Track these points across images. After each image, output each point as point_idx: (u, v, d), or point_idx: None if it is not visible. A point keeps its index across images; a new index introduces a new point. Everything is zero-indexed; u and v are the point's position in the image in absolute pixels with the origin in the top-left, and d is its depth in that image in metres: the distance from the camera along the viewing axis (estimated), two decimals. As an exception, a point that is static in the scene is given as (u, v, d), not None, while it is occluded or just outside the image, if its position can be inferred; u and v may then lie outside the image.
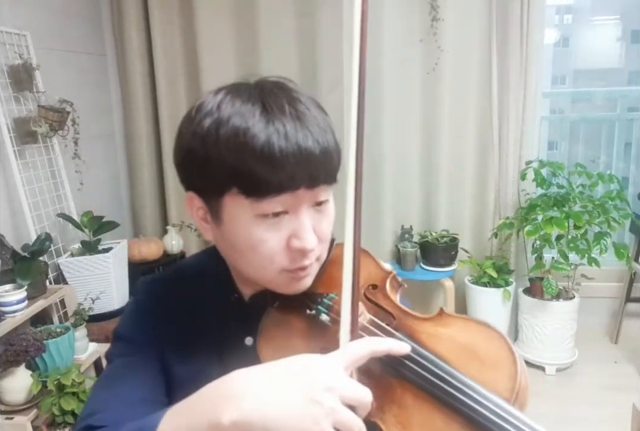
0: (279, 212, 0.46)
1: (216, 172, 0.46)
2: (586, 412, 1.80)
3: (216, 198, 0.47)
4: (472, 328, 0.43)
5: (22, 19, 1.76)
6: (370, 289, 0.50)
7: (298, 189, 0.45)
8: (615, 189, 2.00)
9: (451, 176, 2.21)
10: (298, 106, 0.46)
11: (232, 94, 0.47)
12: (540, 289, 2.01)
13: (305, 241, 0.46)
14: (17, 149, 1.65)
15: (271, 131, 0.44)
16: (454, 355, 0.42)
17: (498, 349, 0.41)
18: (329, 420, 0.37)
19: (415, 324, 0.45)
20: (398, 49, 2.12)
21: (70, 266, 1.75)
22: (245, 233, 0.47)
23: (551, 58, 2.84)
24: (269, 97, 0.46)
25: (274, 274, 0.49)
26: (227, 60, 2.20)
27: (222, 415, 0.38)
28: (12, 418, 1.36)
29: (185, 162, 0.49)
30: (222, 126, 0.45)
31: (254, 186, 0.45)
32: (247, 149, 0.44)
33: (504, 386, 0.39)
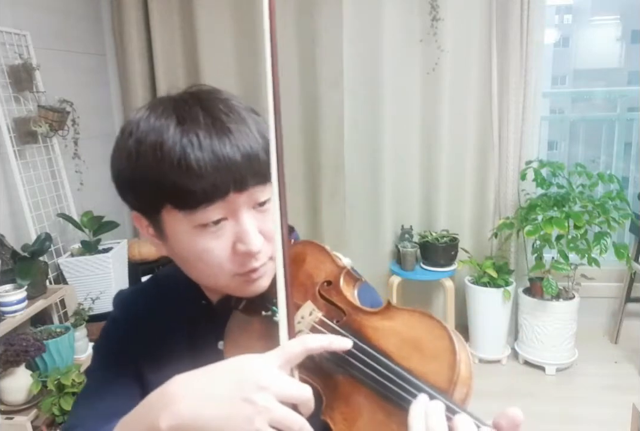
0: (219, 220, 0.46)
1: (145, 190, 0.46)
2: (586, 412, 1.80)
3: (155, 215, 0.48)
4: (416, 319, 0.44)
5: (22, 19, 1.76)
6: (325, 286, 0.50)
7: (227, 195, 0.45)
8: (615, 189, 2.00)
9: (451, 176, 2.21)
10: (215, 113, 0.46)
11: (150, 111, 0.48)
12: (540, 289, 2.01)
13: (249, 244, 0.46)
14: (17, 149, 1.65)
15: (185, 143, 0.44)
16: (397, 348, 0.42)
17: (438, 339, 0.41)
18: (263, 419, 0.37)
19: (364, 319, 0.46)
20: (398, 49, 2.12)
21: (70, 266, 1.75)
22: (189, 245, 0.47)
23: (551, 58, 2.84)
24: (182, 109, 0.46)
25: (227, 280, 0.49)
26: (227, 60, 2.20)
27: (160, 420, 0.39)
28: (12, 418, 1.36)
29: (119, 184, 0.50)
30: (141, 144, 0.46)
31: (182, 200, 0.45)
32: (165, 164, 0.44)
33: (443, 376, 0.40)
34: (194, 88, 0.50)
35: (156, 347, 0.56)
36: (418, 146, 2.22)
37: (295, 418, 0.38)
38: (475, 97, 2.14)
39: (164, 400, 0.40)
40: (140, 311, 0.59)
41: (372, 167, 2.22)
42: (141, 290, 0.63)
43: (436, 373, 0.40)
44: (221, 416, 0.38)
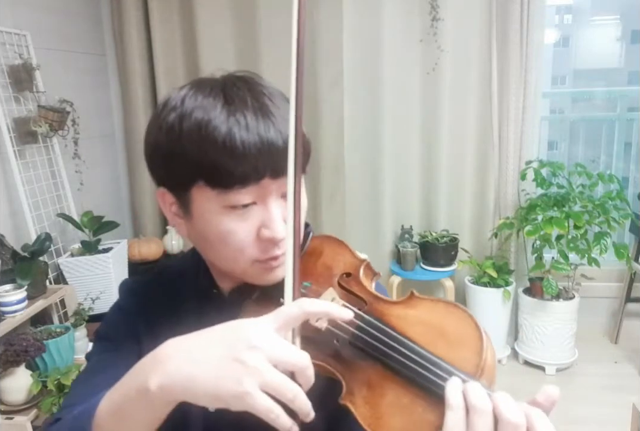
0: (248, 204, 0.47)
1: (181, 165, 0.46)
2: (586, 412, 1.80)
3: (184, 192, 0.48)
4: (440, 308, 0.44)
5: (22, 19, 1.76)
6: (344, 277, 0.50)
7: (262, 179, 0.46)
8: (615, 189, 2.00)
9: (451, 176, 2.21)
10: (261, 98, 0.47)
11: (196, 89, 0.48)
12: (540, 289, 2.01)
13: (274, 230, 0.47)
14: (17, 149, 1.65)
15: (232, 122, 0.44)
16: (421, 335, 0.42)
17: (465, 326, 0.41)
18: (252, 381, 0.35)
19: (386, 308, 0.46)
20: (398, 49, 2.12)
21: (70, 266, 1.75)
22: (215, 225, 0.47)
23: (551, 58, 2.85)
24: (230, 90, 0.47)
25: (246, 266, 0.49)
26: (227, 60, 2.20)
27: (148, 381, 0.38)
28: (12, 418, 1.36)
29: (153, 158, 0.50)
30: (185, 119, 0.46)
31: (218, 178, 0.45)
32: (209, 142, 0.44)
33: (470, 362, 0.39)
34: (241, 73, 0.50)
35: (162, 335, 0.54)
36: (418, 146, 2.22)
37: (288, 385, 0.36)
38: (475, 97, 2.14)
39: (154, 362, 0.39)
40: (148, 300, 0.58)
41: (372, 167, 2.22)
42: (149, 280, 0.62)
43: (463, 358, 0.40)
44: (210, 375, 0.36)
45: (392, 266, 2.24)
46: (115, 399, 0.41)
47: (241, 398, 0.35)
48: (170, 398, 0.38)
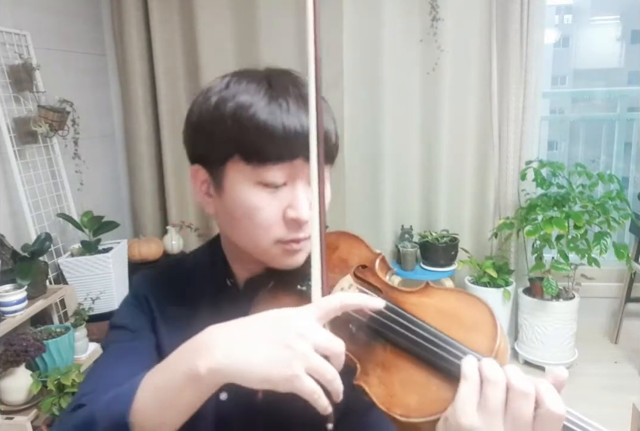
0: (278, 182, 0.49)
1: (221, 141, 0.49)
2: (586, 412, 1.78)
3: (219, 166, 0.50)
4: (455, 295, 0.45)
5: (22, 19, 1.76)
6: (360, 268, 0.52)
7: (296, 159, 0.48)
8: (615, 189, 2.00)
9: (451, 176, 2.21)
10: (302, 89, 0.50)
11: (240, 76, 0.51)
12: (540, 289, 2.01)
13: (300, 211, 0.49)
14: (17, 149, 1.65)
15: (275, 106, 0.48)
16: (436, 319, 0.44)
17: (479, 313, 0.43)
18: (301, 364, 0.38)
19: (401, 296, 0.47)
20: (398, 49, 2.12)
21: (70, 266, 1.75)
22: (244, 199, 0.50)
23: (551, 58, 2.85)
24: (274, 78, 0.51)
25: (269, 245, 0.51)
26: (227, 60, 2.20)
27: (198, 364, 0.39)
28: (12, 418, 1.36)
29: (193, 136, 0.53)
30: (229, 101, 0.49)
31: (254, 153, 0.48)
32: (250, 121, 0.47)
33: (485, 346, 0.41)
34: (274, 66, 0.54)
35: (177, 326, 0.55)
36: (418, 145, 2.22)
37: (329, 368, 0.39)
38: (475, 97, 2.14)
39: (201, 346, 0.41)
40: (162, 290, 0.59)
41: (372, 167, 2.22)
42: (164, 272, 0.63)
43: (477, 341, 0.41)
44: (263, 358, 0.39)
45: (392, 266, 2.22)
46: (158, 383, 0.42)
47: (291, 380, 0.38)
48: (219, 381, 0.40)
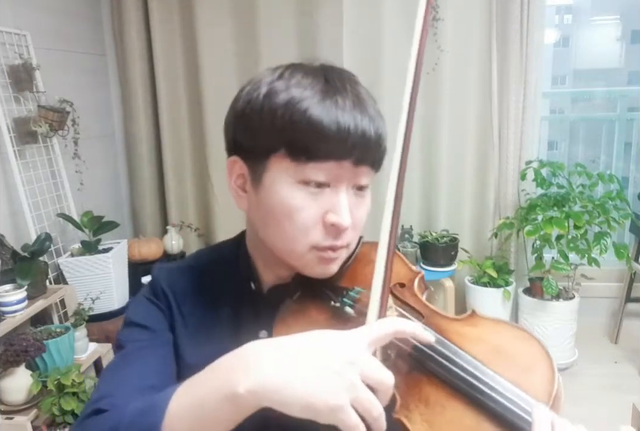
0: (321, 183, 0.46)
1: (267, 133, 0.46)
2: (586, 412, 1.79)
3: (261, 160, 0.47)
4: (505, 329, 0.42)
5: (22, 19, 1.76)
6: (398, 287, 0.49)
7: (344, 160, 0.46)
8: (615, 189, 2.00)
9: (451, 176, 2.21)
10: (358, 89, 0.48)
11: (293, 69, 0.48)
12: (540, 289, 2.01)
13: (341, 217, 0.46)
14: (17, 149, 1.65)
15: (330, 103, 0.45)
16: (484, 355, 0.40)
17: (534, 352, 0.40)
18: (348, 396, 0.35)
19: (445, 324, 0.44)
20: (398, 49, 2.12)
21: (70, 266, 1.75)
22: (285, 197, 0.47)
23: (551, 58, 2.84)
24: (331, 74, 0.48)
25: (304, 250, 0.48)
26: (227, 60, 2.20)
27: (238, 384, 0.37)
28: (12, 418, 1.36)
29: (237, 124, 0.49)
30: (281, 92, 0.46)
31: (301, 148, 0.45)
32: (302, 115, 0.44)
33: (543, 390, 0.37)
34: (330, 63, 0.51)
35: (196, 327, 0.54)
36: (418, 145, 2.22)
37: (376, 404, 0.36)
38: (475, 97, 2.14)
39: (242, 364, 0.38)
40: (182, 287, 0.56)
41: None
42: (185, 267, 0.59)
43: (533, 385, 0.38)
44: (309, 385, 0.35)
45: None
46: (194, 399, 0.40)
47: (335, 410, 0.35)
48: (259, 402, 0.37)
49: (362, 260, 0.50)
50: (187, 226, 2.27)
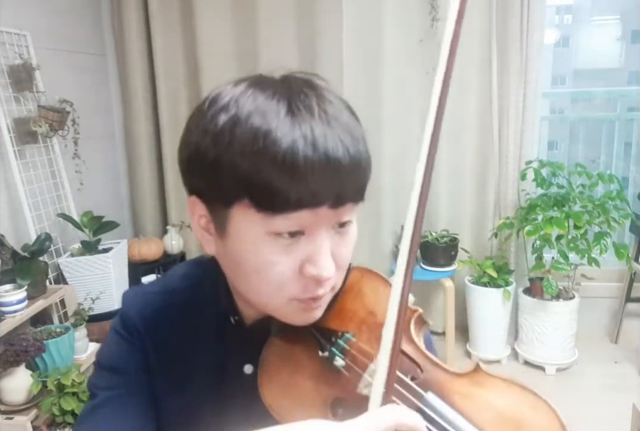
0: (295, 232, 0.39)
1: (226, 178, 0.38)
2: (586, 412, 1.80)
3: (223, 208, 0.40)
4: (516, 394, 0.36)
5: (22, 19, 1.76)
6: None
7: (320, 207, 0.38)
8: (615, 189, 2.00)
9: (451, 176, 2.20)
10: (329, 108, 0.39)
11: (254, 88, 0.40)
12: (540, 289, 2.00)
13: (321, 268, 0.39)
14: (17, 149, 1.65)
15: (297, 135, 0.37)
16: (493, 426, 0.36)
17: (547, 423, 0.35)
18: None
19: (447, 381, 0.39)
20: (398, 49, 2.12)
21: (70, 266, 1.75)
22: (253, 252, 0.40)
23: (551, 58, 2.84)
24: (296, 95, 0.39)
25: (282, 304, 0.42)
26: (227, 60, 2.20)
27: None
28: (12, 418, 1.36)
29: (191, 163, 0.41)
30: (239, 124, 0.38)
31: (269, 199, 0.37)
32: (266, 155, 0.37)
33: None
34: (303, 75, 0.42)
35: (174, 366, 0.49)
36: (418, 145, 2.21)
37: None
38: (475, 97, 2.14)
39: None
40: (160, 319, 0.50)
41: (372, 167, 2.21)
42: (160, 294, 0.52)
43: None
44: None
45: (392, 267, 2.23)
46: None
47: None
48: None
49: (351, 292, 0.44)
50: (187, 226, 2.27)
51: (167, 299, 0.52)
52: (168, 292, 0.53)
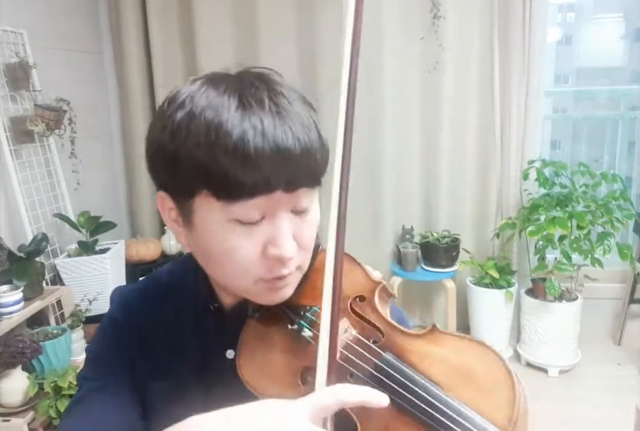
0: (255, 218, 0.43)
1: (185, 171, 0.42)
2: (589, 414, 1.78)
3: (187, 200, 0.44)
4: (467, 347, 0.40)
5: (18, 17, 1.74)
6: (357, 301, 0.46)
7: (274, 192, 0.41)
8: (619, 188, 1.98)
9: (452, 176, 2.19)
10: (280, 100, 0.42)
11: (208, 85, 0.43)
12: (542, 290, 1.99)
13: (283, 248, 0.43)
14: (14, 149, 1.64)
15: (247, 127, 0.40)
16: (446, 378, 0.39)
17: (494, 370, 0.38)
18: None
19: (406, 343, 0.42)
20: (399, 47, 2.10)
21: (67, 267, 1.73)
22: (218, 239, 0.43)
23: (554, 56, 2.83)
24: (247, 89, 0.42)
25: (250, 284, 0.46)
26: (226, 59, 2.18)
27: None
28: (9, 421, 1.36)
29: (155, 159, 0.45)
30: (194, 119, 0.41)
31: (225, 188, 0.41)
32: (219, 147, 0.40)
33: (502, 413, 0.37)
34: (257, 69, 0.46)
35: (158, 354, 0.52)
36: (419, 145, 2.20)
37: None
38: (476, 96, 2.12)
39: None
40: (143, 313, 0.54)
41: (372, 167, 2.20)
42: (144, 289, 0.57)
43: (493, 408, 0.37)
44: None
45: (393, 267, 2.22)
46: None
47: None
48: None
49: (320, 271, 0.46)
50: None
51: (149, 294, 0.56)
52: (150, 287, 0.57)
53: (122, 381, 0.51)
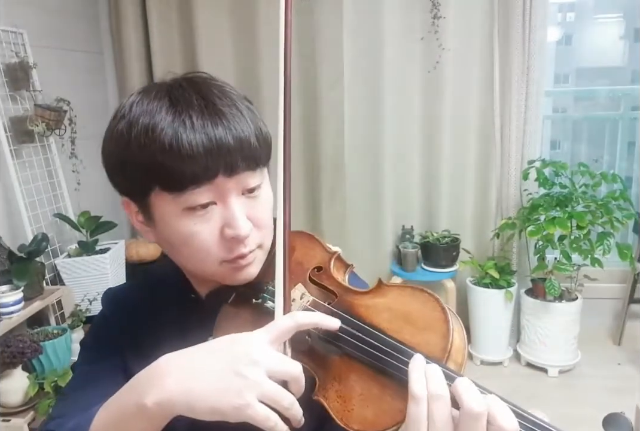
0: (207, 204, 0.47)
1: (135, 173, 0.47)
2: (589, 414, 1.78)
3: (143, 199, 0.48)
4: (407, 294, 0.44)
5: (18, 17, 1.74)
6: (315, 271, 0.51)
7: (216, 178, 0.46)
8: (619, 188, 1.98)
9: (452, 176, 2.19)
10: (209, 96, 0.47)
11: (143, 94, 0.48)
12: (542, 290, 1.99)
13: (237, 228, 0.47)
14: (14, 149, 1.64)
15: (178, 124, 0.45)
16: (388, 323, 0.43)
17: (430, 310, 0.42)
18: (253, 393, 0.37)
19: (355, 299, 0.46)
20: (399, 47, 2.10)
21: (67, 267, 1.73)
22: (176, 228, 0.47)
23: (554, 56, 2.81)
24: (176, 91, 0.47)
25: (215, 267, 0.49)
26: (225, 58, 2.19)
27: (146, 397, 0.39)
28: (9, 420, 1.36)
29: (110, 168, 0.50)
30: (133, 126, 0.46)
31: (170, 181, 0.45)
32: (156, 145, 0.44)
33: (437, 346, 0.40)
34: (190, 74, 0.51)
35: (146, 343, 0.54)
36: (419, 145, 2.20)
37: (285, 394, 0.39)
38: (476, 96, 2.12)
39: (150, 377, 0.41)
40: (130, 307, 0.58)
41: (372, 167, 2.20)
42: (130, 287, 0.63)
43: (429, 343, 0.41)
44: (211, 389, 0.38)
45: (393, 267, 2.22)
46: (111, 414, 0.43)
47: (242, 409, 0.37)
48: (168, 413, 0.39)
49: None
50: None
51: (135, 291, 0.62)
52: (136, 285, 0.63)
53: (112, 365, 0.55)
